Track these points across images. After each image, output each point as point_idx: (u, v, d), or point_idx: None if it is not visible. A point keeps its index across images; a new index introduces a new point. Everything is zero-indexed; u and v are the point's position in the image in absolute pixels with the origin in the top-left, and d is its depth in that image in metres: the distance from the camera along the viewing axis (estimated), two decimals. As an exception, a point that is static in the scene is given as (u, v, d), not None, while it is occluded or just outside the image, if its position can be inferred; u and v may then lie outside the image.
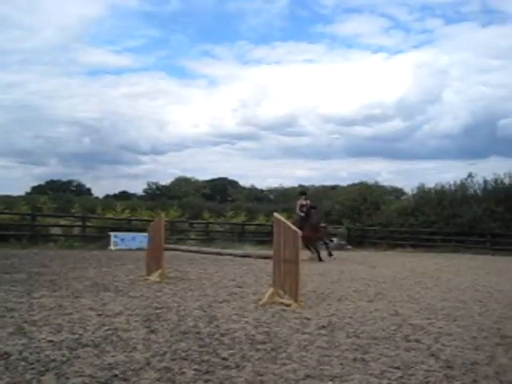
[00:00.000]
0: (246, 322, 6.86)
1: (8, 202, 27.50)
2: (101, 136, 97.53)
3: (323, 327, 6.72)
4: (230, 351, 5.39)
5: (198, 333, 6.17)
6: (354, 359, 5.25)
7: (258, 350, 5.49)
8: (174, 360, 5.02)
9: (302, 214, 18.57)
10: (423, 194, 31.59)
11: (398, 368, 4.99)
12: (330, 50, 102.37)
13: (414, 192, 32.65)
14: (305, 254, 15.79)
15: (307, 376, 4.66)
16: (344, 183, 55.78)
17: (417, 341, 6.16)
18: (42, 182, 77.28)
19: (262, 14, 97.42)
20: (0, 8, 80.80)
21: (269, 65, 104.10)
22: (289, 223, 8.56)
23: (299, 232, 8.21)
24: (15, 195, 43.74)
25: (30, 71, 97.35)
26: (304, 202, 19.02)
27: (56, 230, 22.35)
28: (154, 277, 10.64)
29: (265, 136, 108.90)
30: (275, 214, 8.90)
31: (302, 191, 21.05)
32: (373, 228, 30.41)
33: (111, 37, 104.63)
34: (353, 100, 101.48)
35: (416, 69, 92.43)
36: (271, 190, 74.67)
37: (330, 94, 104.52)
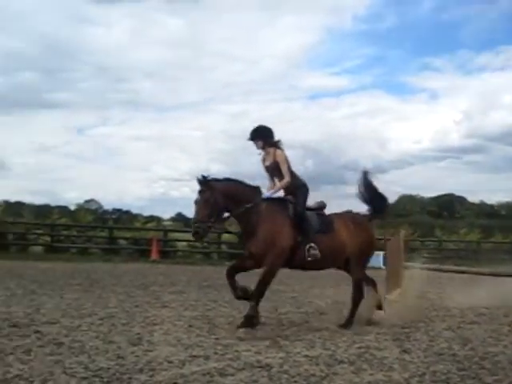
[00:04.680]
0: (505, 346, 6.36)
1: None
2: (323, 158, 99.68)
3: None
4: (495, 377, 5.00)
5: (454, 355, 5.85)
6: None
7: (526, 377, 5.03)
8: (434, 382, 4.80)
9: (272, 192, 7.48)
10: None
11: None
12: None
13: None
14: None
15: None
16: None
17: None
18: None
19: (482, 19, 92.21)
20: (224, 45, 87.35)
21: (493, 72, 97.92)
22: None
23: None
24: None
25: (252, 101, 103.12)
26: (268, 158, 7.49)
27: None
28: (394, 295, 10.41)
29: (493, 148, 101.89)
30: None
31: (256, 130, 7.48)
32: None
33: (329, 60, 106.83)
34: None
35: None
36: (502, 206, 69.72)
37: None
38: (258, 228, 6.96)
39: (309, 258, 7.10)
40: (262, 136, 7.44)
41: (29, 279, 12.35)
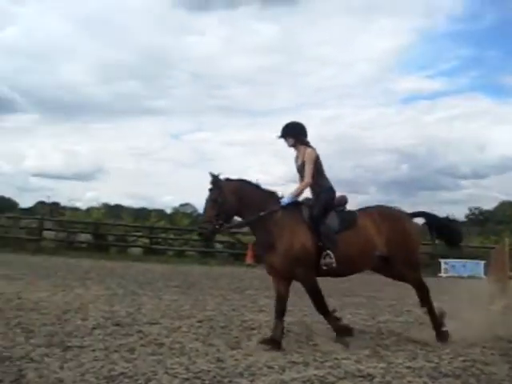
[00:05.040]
0: None
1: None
2: (418, 162, 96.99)
3: None
4: None
5: None
6: None
7: None
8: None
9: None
10: None
11: None
12: None
13: None
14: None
15: None
16: None
17: None
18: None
19: None
20: (317, 50, 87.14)
21: None
22: None
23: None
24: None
25: (345, 105, 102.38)
26: (300, 157, 6.91)
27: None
28: (498, 307, 9.92)
29: None
30: None
31: (287, 126, 6.91)
32: None
33: (422, 62, 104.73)
34: None
35: None
36: None
37: None
38: (276, 240, 6.33)
39: (324, 267, 6.36)
40: (294, 133, 6.85)
41: (129, 279, 12.76)
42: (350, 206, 6.96)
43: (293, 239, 6.34)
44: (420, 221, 7.51)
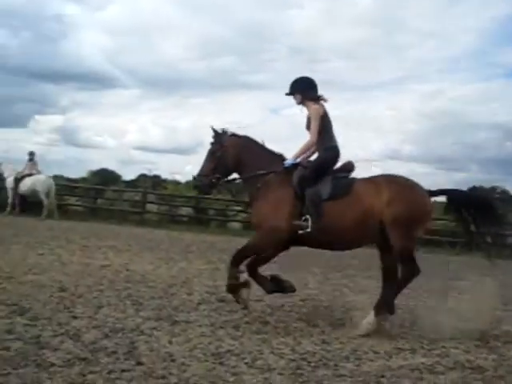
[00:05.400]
0: None
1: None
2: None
3: None
4: None
5: None
6: None
7: None
8: None
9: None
10: None
11: None
12: None
13: None
14: None
15: None
16: None
17: None
18: (464, 188, 77.47)
19: None
20: (418, 21, 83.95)
21: None
22: None
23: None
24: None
25: (447, 79, 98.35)
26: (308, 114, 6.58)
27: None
28: None
29: None
30: None
31: (296, 82, 6.63)
32: None
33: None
34: None
35: None
36: None
37: None
38: (256, 200, 6.30)
39: (299, 231, 5.94)
40: (301, 89, 6.44)
41: (229, 254, 12.83)
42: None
43: (268, 204, 6.15)
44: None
